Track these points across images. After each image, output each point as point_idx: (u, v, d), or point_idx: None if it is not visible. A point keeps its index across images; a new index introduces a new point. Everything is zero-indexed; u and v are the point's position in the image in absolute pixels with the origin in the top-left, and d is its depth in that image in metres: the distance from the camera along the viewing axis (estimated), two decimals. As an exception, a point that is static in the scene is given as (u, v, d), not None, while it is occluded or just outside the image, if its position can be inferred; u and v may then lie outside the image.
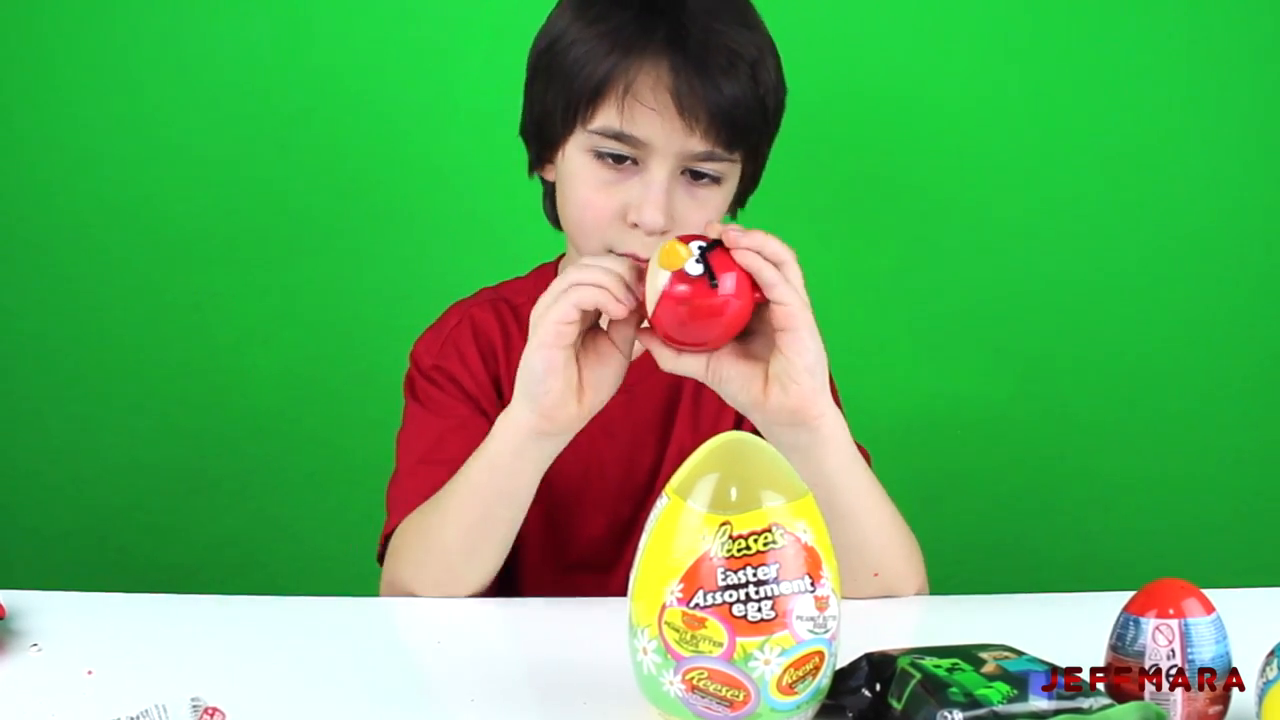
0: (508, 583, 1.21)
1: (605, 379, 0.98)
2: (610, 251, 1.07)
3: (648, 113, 1.03)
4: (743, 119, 1.05)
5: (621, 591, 1.15)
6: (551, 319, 0.94)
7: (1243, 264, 1.75)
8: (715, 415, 1.18)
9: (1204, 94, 1.72)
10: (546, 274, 1.23)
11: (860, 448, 1.17)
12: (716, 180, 1.08)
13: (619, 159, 1.06)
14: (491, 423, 1.10)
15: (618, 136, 1.04)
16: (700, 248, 0.92)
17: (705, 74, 1.03)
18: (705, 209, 1.08)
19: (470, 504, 1.03)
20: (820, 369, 0.96)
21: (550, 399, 0.96)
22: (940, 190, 1.73)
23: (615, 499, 1.18)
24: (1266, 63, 1.72)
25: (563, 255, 1.24)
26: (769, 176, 1.75)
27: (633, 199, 1.05)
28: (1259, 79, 1.72)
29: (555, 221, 1.20)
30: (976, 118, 1.72)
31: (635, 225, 1.05)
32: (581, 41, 1.06)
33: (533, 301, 1.20)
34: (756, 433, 1.15)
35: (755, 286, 0.93)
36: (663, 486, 1.16)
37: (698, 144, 1.04)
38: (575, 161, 1.08)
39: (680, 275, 0.91)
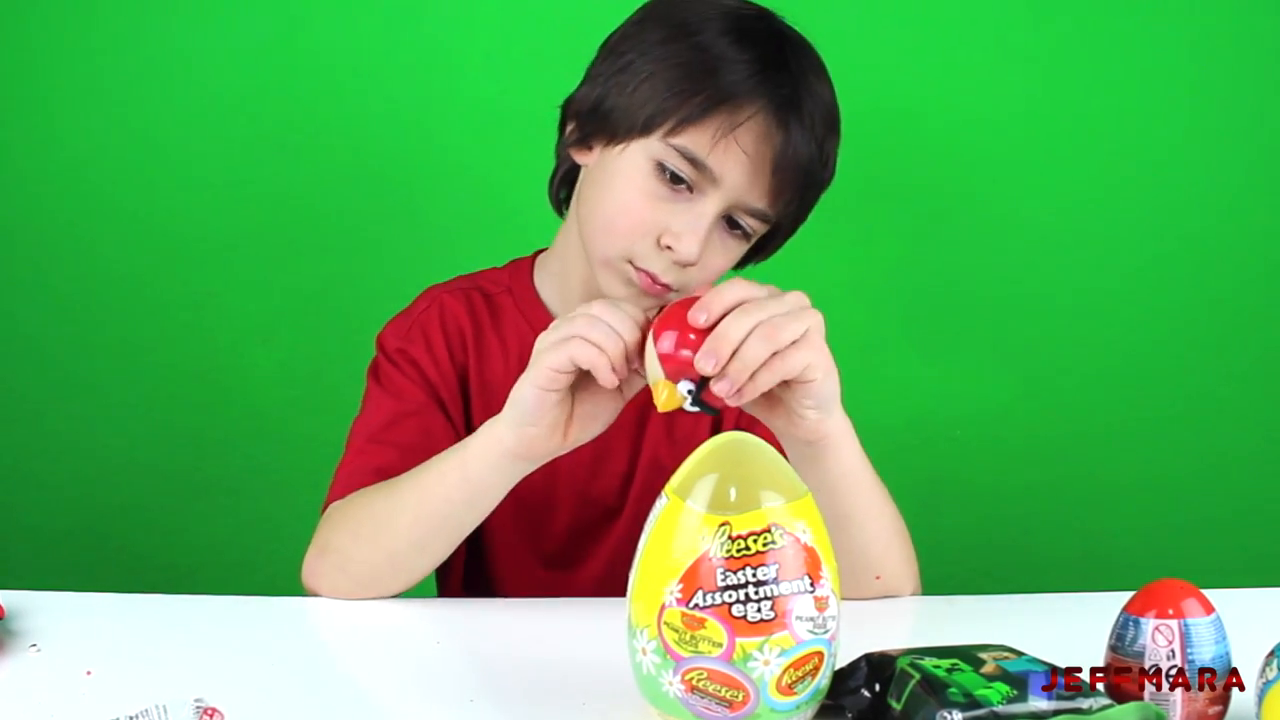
0: (479, 577, 1.21)
1: (596, 416, 0.96)
2: (629, 263, 1.04)
3: (740, 156, 1.01)
4: (807, 188, 1.06)
5: (588, 592, 1.17)
6: (545, 364, 0.92)
7: (1243, 265, 1.75)
8: (692, 421, 1.16)
9: (1205, 97, 1.72)
10: (522, 267, 1.21)
11: None
12: (748, 236, 1.07)
13: (678, 179, 1.02)
14: (448, 413, 1.13)
15: (695, 162, 1.01)
16: (690, 391, 0.89)
17: (803, 149, 1.02)
18: (726, 255, 1.07)
19: (432, 501, 1.01)
20: (831, 399, 0.94)
21: (535, 432, 0.95)
22: (940, 191, 1.73)
23: (581, 496, 1.18)
24: (1268, 65, 1.72)
25: (541, 251, 1.21)
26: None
27: (675, 223, 1.02)
28: (1261, 82, 1.72)
29: (560, 204, 1.17)
30: (977, 118, 1.72)
31: (668, 248, 1.03)
32: (725, 59, 1.02)
33: (507, 291, 1.20)
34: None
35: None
36: (637, 495, 1.17)
37: (758, 200, 1.04)
38: (632, 164, 1.03)
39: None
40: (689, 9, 1.05)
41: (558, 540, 1.19)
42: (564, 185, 1.16)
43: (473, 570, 1.22)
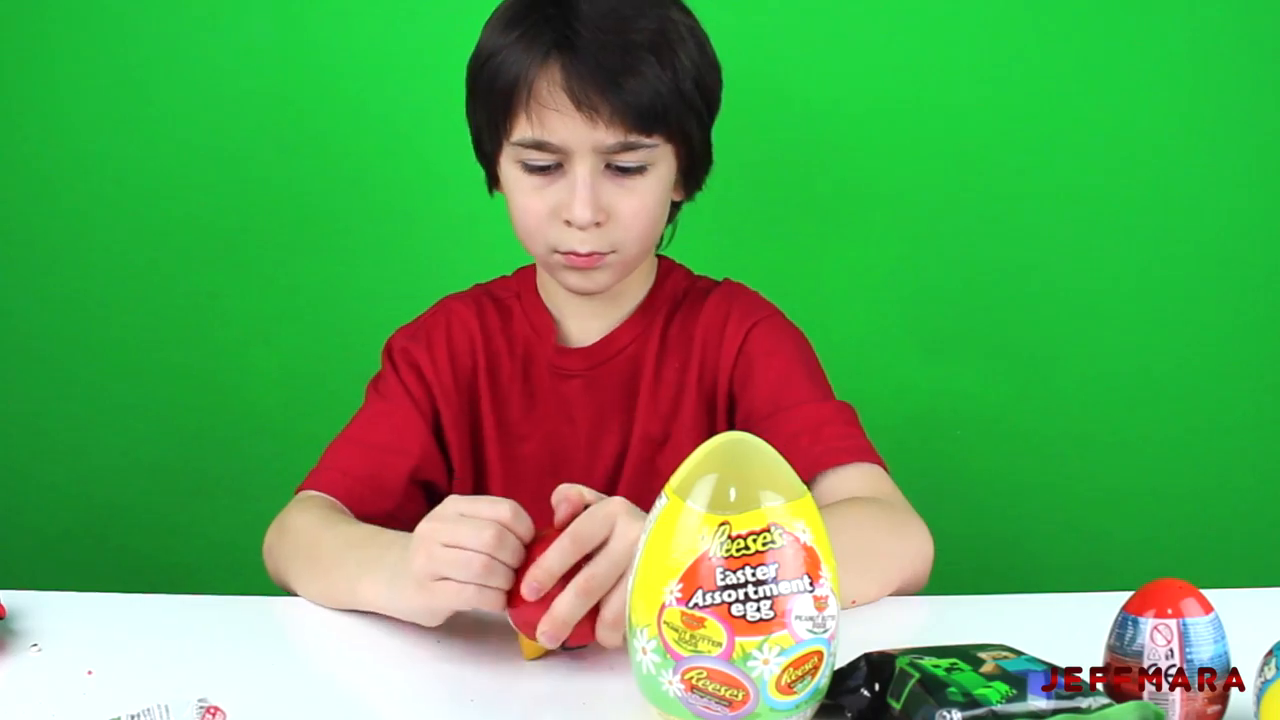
0: None
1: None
2: (555, 252, 1.12)
3: (553, 115, 1.08)
4: (649, 104, 1.08)
5: None
6: (438, 605, 0.90)
7: (1243, 265, 1.75)
8: (675, 399, 1.20)
9: (1206, 95, 1.72)
10: (528, 273, 1.26)
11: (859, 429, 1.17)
12: (642, 169, 1.11)
13: (544, 167, 1.11)
14: (438, 410, 1.18)
15: (536, 145, 1.09)
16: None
17: (598, 69, 1.07)
18: (636, 196, 1.12)
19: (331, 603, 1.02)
20: None
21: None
22: (940, 190, 1.73)
23: (582, 483, 1.19)
24: (1268, 63, 1.72)
25: None
26: (770, 177, 1.75)
27: (562, 199, 1.10)
28: (1260, 80, 1.72)
29: None
30: (977, 118, 1.72)
31: (569, 223, 1.10)
32: (498, 52, 1.11)
33: (516, 297, 1.23)
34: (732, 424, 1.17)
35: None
36: (631, 471, 1.18)
37: (606, 136, 1.08)
38: (510, 176, 1.14)
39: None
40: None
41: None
42: None
43: None
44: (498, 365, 1.21)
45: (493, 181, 1.20)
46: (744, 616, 0.73)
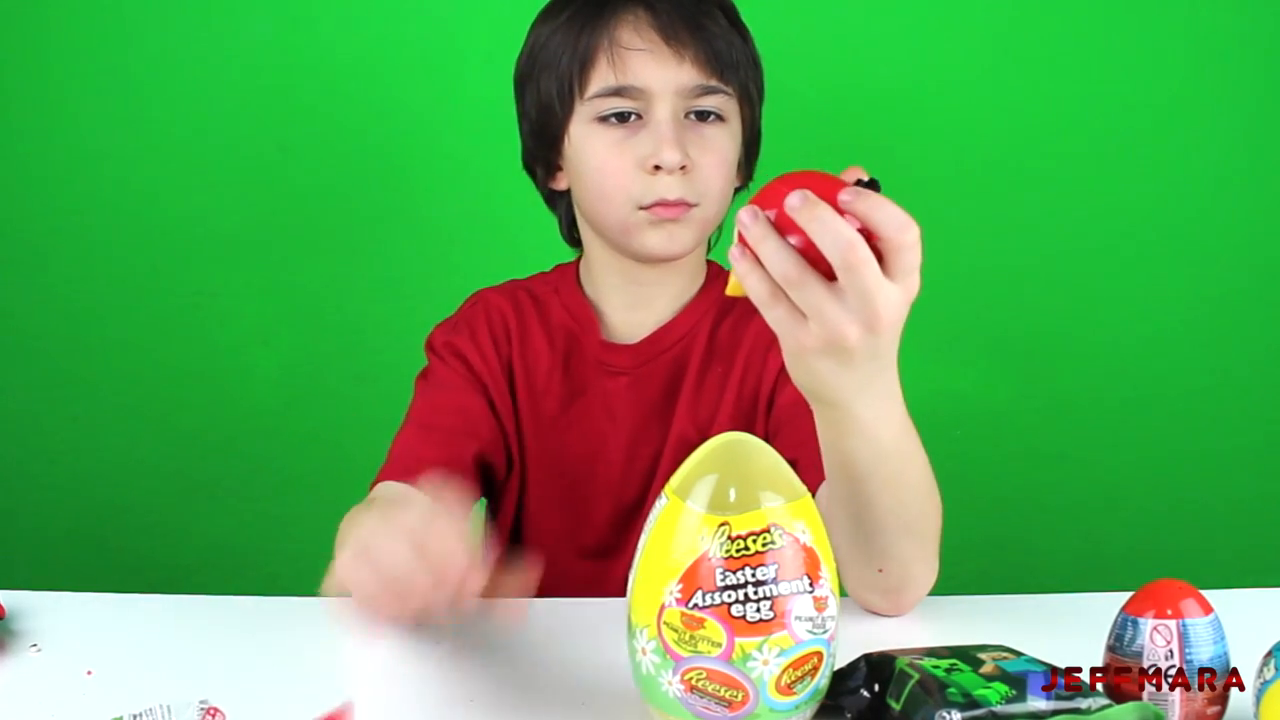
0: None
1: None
2: (639, 208, 1.10)
3: (638, 55, 1.08)
4: (726, 50, 1.10)
5: (624, 578, 1.17)
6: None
7: (1243, 265, 1.75)
8: (714, 403, 1.19)
9: (1204, 94, 1.72)
10: (567, 268, 1.25)
11: None
12: (721, 118, 1.12)
13: (623, 116, 1.10)
14: (491, 398, 1.17)
15: (617, 92, 1.09)
16: None
17: (681, 10, 1.09)
18: (714, 148, 1.11)
19: None
20: (854, 363, 0.85)
21: None
22: (940, 190, 1.73)
23: (620, 484, 1.19)
24: (1266, 60, 1.72)
25: (581, 257, 1.24)
26: (768, 178, 1.75)
27: (646, 148, 1.09)
28: (1259, 79, 1.72)
29: (574, 238, 1.22)
30: (977, 117, 1.72)
31: (657, 169, 1.09)
32: (555, 32, 1.12)
33: (554, 291, 1.22)
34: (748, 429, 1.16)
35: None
36: (665, 473, 1.18)
37: (690, 75, 1.09)
38: (582, 135, 1.11)
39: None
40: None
41: (598, 532, 1.20)
42: (571, 222, 1.22)
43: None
44: (536, 357, 1.20)
45: (549, 173, 1.18)
46: (744, 617, 0.73)
